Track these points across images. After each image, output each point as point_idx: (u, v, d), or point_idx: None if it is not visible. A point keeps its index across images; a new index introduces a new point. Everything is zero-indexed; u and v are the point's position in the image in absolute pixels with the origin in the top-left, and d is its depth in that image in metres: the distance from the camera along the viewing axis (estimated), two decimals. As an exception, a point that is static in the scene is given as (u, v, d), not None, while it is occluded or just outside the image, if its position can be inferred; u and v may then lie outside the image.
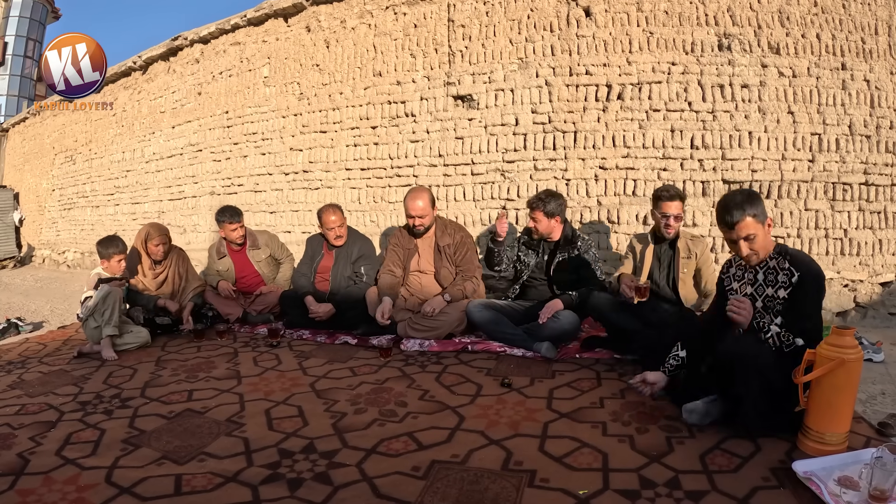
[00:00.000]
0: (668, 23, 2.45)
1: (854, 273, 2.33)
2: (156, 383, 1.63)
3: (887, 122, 2.40)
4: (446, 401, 1.43)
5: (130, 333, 1.99)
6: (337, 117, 3.00)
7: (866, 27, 2.45)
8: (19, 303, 3.39)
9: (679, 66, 2.42)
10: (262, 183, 3.30)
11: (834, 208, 2.35)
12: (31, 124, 6.10)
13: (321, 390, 1.54)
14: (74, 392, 1.57)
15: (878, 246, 2.35)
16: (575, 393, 1.48)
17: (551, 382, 1.56)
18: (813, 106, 2.39)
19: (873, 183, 2.36)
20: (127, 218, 4.41)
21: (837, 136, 2.37)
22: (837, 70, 2.41)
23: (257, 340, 2.10)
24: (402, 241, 2.17)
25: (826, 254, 2.35)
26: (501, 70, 2.59)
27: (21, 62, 13.07)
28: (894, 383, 1.61)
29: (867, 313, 2.33)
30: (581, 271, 1.92)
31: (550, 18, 2.56)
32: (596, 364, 1.73)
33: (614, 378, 1.59)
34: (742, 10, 2.44)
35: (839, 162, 2.37)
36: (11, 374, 1.76)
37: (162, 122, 4.04)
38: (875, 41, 2.44)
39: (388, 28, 2.88)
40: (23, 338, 2.31)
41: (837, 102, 2.39)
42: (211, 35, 3.63)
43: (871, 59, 2.43)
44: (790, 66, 2.40)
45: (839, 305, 2.30)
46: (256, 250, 2.46)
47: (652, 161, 2.39)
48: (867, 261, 2.35)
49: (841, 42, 2.43)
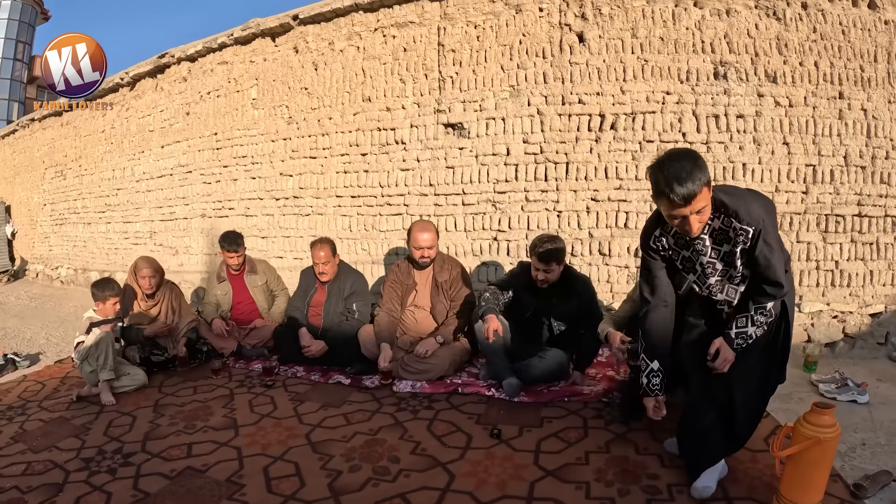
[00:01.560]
0: (664, 50, 2.41)
1: (844, 305, 2.35)
2: (155, 435, 1.68)
3: (883, 152, 2.39)
4: (437, 455, 1.48)
5: (127, 376, 2.04)
6: (326, 143, 2.97)
7: (865, 54, 2.42)
8: (14, 327, 3.45)
9: (674, 95, 2.39)
10: (253, 207, 3.29)
11: (826, 240, 2.35)
12: (20, 136, 6.05)
13: (316, 443, 1.57)
14: (77, 446, 1.60)
15: (869, 277, 2.37)
16: (562, 445, 1.52)
17: (539, 432, 1.60)
18: (808, 136, 2.37)
19: (866, 214, 2.36)
20: (119, 237, 4.41)
21: (832, 167, 2.36)
22: (835, 99, 2.39)
23: (252, 379, 2.14)
24: (401, 276, 2.19)
25: (816, 285, 2.36)
26: (493, 98, 2.56)
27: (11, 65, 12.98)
28: (876, 430, 1.64)
29: (855, 343, 2.35)
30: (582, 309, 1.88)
31: (543, 44, 2.52)
32: (584, 409, 1.76)
33: (601, 427, 1.62)
34: (739, 37, 2.40)
35: (833, 193, 2.36)
36: (13, 421, 1.80)
37: (151, 141, 4.01)
38: (874, 69, 2.41)
39: (377, 51, 2.83)
40: (20, 375, 2.35)
41: (833, 133, 2.38)
42: (198, 53, 3.57)
43: (870, 87, 2.40)
44: (787, 95, 2.38)
45: (828, 336, 2.32)
46: (254, 276, 2.52)
47: (644, 193, 2.37)
48: (857, 292, 2.36)
49: (839, 70, 2.40)
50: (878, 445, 1.54)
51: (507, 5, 2.62)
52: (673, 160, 1.05)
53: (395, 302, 2.16)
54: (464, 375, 2.05)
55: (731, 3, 2.44)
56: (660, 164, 1.07)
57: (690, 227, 1.09)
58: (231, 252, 2.39)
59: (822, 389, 1.89)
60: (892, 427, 1.64)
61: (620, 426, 1.62)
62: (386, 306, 2.16)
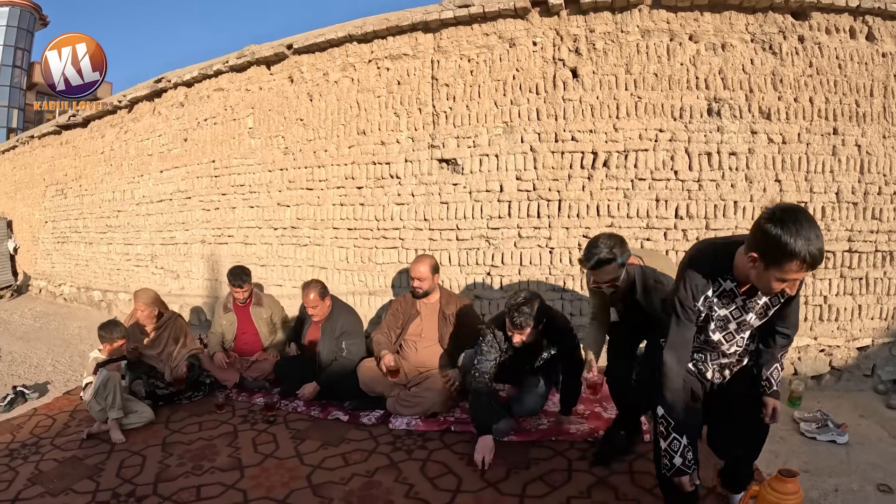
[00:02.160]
0: (658, 86, 2.43)
1: (831, 339, 2.40)
2: (165, 476, 1.79)
3: (875, 188, 2.42)
4: (429, 499, 1.58)
5: (135, 413, 2.15)
6: (323, 175, 3.02)
7: (861, 89, 2.43)
8: (21, 352, 3.55)
9: (667, 132, 2.42)
10: (252, 236, 3.35)
11: (815, 276, 2.40)
12: (20, 153, 6.11)
13: (317, 485, 1.67)
14: (92, 489, 1.71)
15: (858, 311, 2.42)
16: (546, 489, 1.60)
17: (526, 475, 1.69)
18: (801, 174, 2.40)
19: (857, 250, 2.40)
20: (121, 258, 4.49)
21: (824, 204, 2.40)
22: (829, 135, 2.41)
23: (255, 414, 2.25)
24: (405, 306, 2.32)
25: (804, 320, 2.42)
26: (486, 134, 2.59)
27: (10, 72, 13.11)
28: (850, 474, 1.71)
29: (842, 376, 2.42)
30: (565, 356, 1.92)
31: (536, 80, 2.54)
32: (569, 449, 1.83)
33: (584, 470, 1.70)
34: (734, 73, 2.41)
35: (824, 230, 2.39)
36: (28, 461, 1.90)
37: (150, 166, 4.07)
38: (870, 104, 2.43)
39: (372, 84, 2.85)
40: (30, 408, 2.46)
41: (826, 169, 2.40)
42: (194, 79, 3.60)
43: (864, 122, 2.43)
44: (780, 132, 2.40)
45: (814, 370, 2.39)
46: (259, 308, 2.65)
47: (636, 231, 2.42)
48: (845, 326, 2.42)
49: (834, 105, 2.42)
50: (850, 492, 1.62)
51: (501, 39, 2.63)
52: (806, 219, 0.95)
53: (393, 329, 2.29)
54: (457, 411, 2.14)
55: (727, 37, 2.45)
56: (790, 221, 0.95)
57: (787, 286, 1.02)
58: (236, 287, 2.52)
59: (802, 428, 1.96)
60: (866, 471, 1.71)
61: (603, 469, 1.69)
62: (382, 330, 2.29)
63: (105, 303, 4.73)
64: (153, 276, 4.15)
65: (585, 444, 1.85)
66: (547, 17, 2.57)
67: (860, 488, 1.62)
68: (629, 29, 2.48)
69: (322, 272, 3.09)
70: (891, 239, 2.41)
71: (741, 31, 2.45)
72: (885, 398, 2.32)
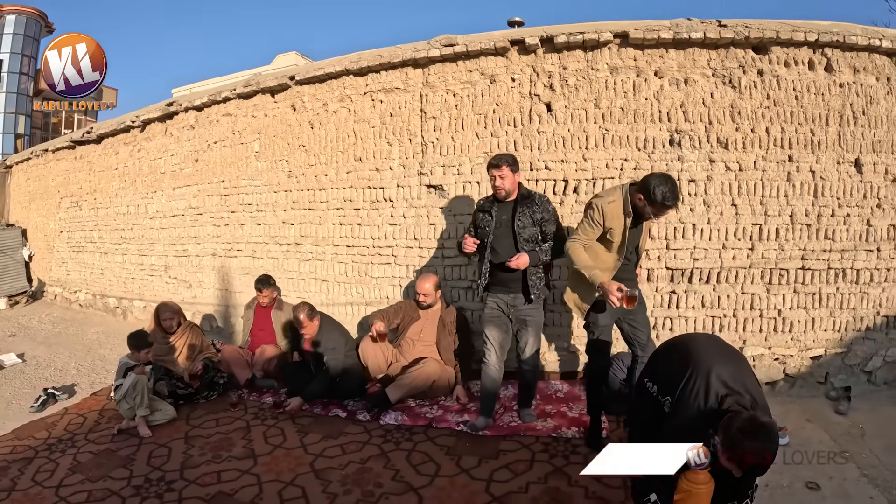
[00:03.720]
0: (624, 119, 2.94)
1: (785, 349, 2.88)
2: (189, 464, 2.29)
3: (829, 210, 2.87)
4: (412, 481, 2.09)
5: (160, 411, 2.71)
6: (323, 197, 3.63)
7: (817, 118, 2.88)
8: (44, 356, 4.18)
9: (631, 161, 2.93)
10: (259, 251, 4.00)
11: (770, 292, 2.88)
12: (34, 164, 6.95)
13: (319, 470, 2.20)
14: (126, 475, 2.20)
15: (811, 323, 2.88)
16: (510, 476, 2.10)
17: (494, 463, 2.20)
18: (756, 198, 2.87)
19: (810, 268, 2.86)
20: (135, 268, 5.22)
21: (778, 226, 2.87)
22: (784, 162, 2.88)
23: (265, 412, 2.82)
24: (409, 309, 3.03)
25: (760, 331, 2.90)
26: (469, 163, 3.15)
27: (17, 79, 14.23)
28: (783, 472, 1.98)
29: (795, 383, 2.89)
30: (544, 227, 2.35)
31: (514, 114, 3.08)
32: (535, 443, 2.35)
33: (545, 460, 2.21)
34: (695, 106, 2.90)
35: (778, 249, 2.87)
36: (66, 454, 2.41)
37: (163, 183, 4.76)
38: (825, 132, 2.88)
39: (367, 115, 3.44)
40: (62, 408, 3.00)
41: (781, 194, 2.87)
42: (204, 104, 4.26)
43: (819, 150, 2.88)
44: (737, 160, 2.88)
45: (768, 377, 2.87)
46: (279, 312, 3.32)
47: (603, 251, 2.94)
48: (799, 337, 2.89)
49: (790, 134, 2.88)
50: (779, 487, 1.92)
51: (483, 75, 3.18)
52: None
53: (391, 319, 2.99)
54: (437, 410, 2.69)
55: (690, 72, 2.93)
56: (747, 437, 1.33)
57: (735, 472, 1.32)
58: (259, 291, 3.30)
59: (744, 430, 2.45)
60: (798, 470, 2.02)
61: (562, 460, 2.19)
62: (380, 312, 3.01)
63: (120, 309, 5.48)
64: (167, 286, 4.85)
65: (549, 439, 2.36)
66: (525, 55, 3.10)
67: (790, 485, 1.96)
68: (599, 66, 2.99)
69: (324, 284, 3.71)
70: (843, 257, 2.87)
71: (703, 67, 2.93)
72: (835, 404, 2.78)
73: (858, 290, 2.85)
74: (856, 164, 2.85)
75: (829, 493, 1.94)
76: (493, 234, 2.38)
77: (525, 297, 2.38)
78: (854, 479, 2.03)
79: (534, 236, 2.37)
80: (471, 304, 3.19)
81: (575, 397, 2.80)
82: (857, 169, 2.85)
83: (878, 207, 2.85)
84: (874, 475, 2.05)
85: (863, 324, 2.86)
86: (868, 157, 2.85)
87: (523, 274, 2.36)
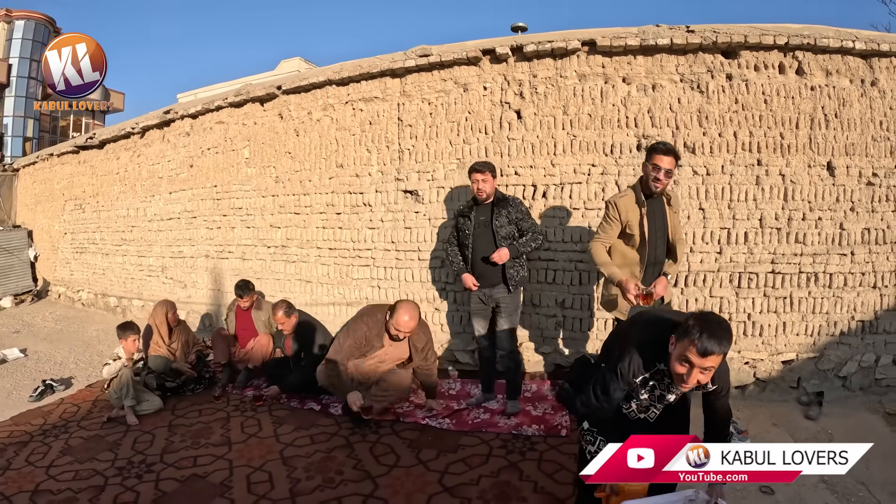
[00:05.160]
0: (591, 126, 3.31)
1: (755, 353, 3.16)
2: (170, 449, 2.68)
3: (800, 214, 3.13)
4: (371, 470, 2.41)
5: (147, 402, 3.15)
6: (308, 202, 4.14)
7: (787, 122, 3.15)
8: (45, 351, 4.74)
9: (599, 167, 3.29)
10: (248, 253, 4.56)
11: (739, 295, 3.16)
12: (40, 168, 7.84)
13: (287, 458, 2.56)
14: (111, 458, 2.60)
15: (782, 328, 3.15)
16: (464, 469, 2.39)
17: (452, 457, 2.51)
18: (724, 202, 3.17)
19: (780, 272, 3.13)
20: (134, 268, 5.92)
21: (746, 230, 3.15)
22: (752, 166, 3.16)
23: (245, 404, 3.26)
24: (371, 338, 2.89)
25: (729, 337, 3.20)
26: (443, 169, 3.59)
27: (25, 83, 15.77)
28: None
29: (766, 387, 3.15)
30: (520, 224, 2.84)
31: (485, 121, 3.50)
32: (494, 439, 2.65)
33: (501, 456, 2.50)
34: (661, 112, 3.23)
35: (747, 253, 3.15)
36: (59, 438, 2.86)
37: (160, 187, 5.42)
38: (795, 135, 3.14)
39: (348, 123, 3.94)
40: (58, 398, 3.48)
41: (749, 198, 3.15)
42: (198, 112, 4.86)
43: (789, 153, 3.14)
44: (705, 164, 3.19)
45: (738, 381, 3.13)
46: (259, 311, 3.78)
47: (570, 254, 3.31)
48: (770, 341, 3.16)
49: (758, 138, 3.15)
50: (732, 490, 2.02)
51: (457, 84, 3.61)
52: (719, 323, 1.45)
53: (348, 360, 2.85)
54: (408, 406, 3.08)
55: (657, 78, 3.27)
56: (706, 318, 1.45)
57: (690, 377, 1.45)
58: (238, 297, 3.71)
59: (704, 431, 2.77)
60: None
61: (518, 456, 2.44)
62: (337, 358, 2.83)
63: (120, 308, 6.18)
64: (163, 286, 5.51)
65: (509, 436, 2.66)
66: (496, 63, 3.50)
67: (743, 488, 2.07)
68: (567, 74, 3.37)
69: (308, 285, 4.22)
70: (815, 261, 3.13)
71: (671, 73, 3.26)
72: (806, 409, 3.04)
73: (832, 294, 3.11)
74: (828, 167, 3.11)
75: (783, 499, 2.11)
76: (473, 235, 2.87)
77: (505, 286, 2.86)
78: (812, 484, 2.20)
79: (510, 234, 2.85)
80: (443, 305, 3.60)
81: (541, 397, 3.19)
82: (829, 172, 3.11)
83: (852, 211, 3.10)
84: (834, 482, 2.21)
85: (836, 328, 3.11)
86: (841, 160, 3.11)
87: (502, 267, 2.82)
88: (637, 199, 2.41)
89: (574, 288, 3.33)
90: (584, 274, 3.32)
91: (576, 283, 3.33)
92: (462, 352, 3.58)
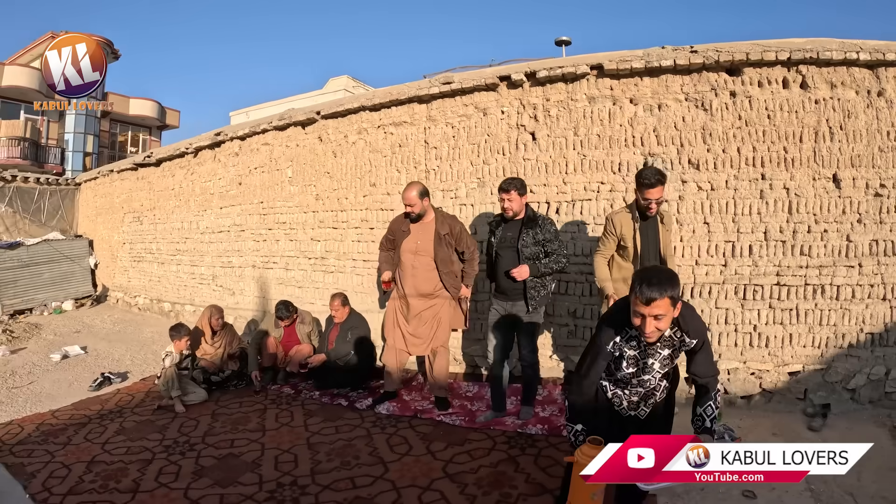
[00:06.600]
0: (600, 145, 3.94)
1: (761, 363, 3.62)
2: (211, 433, 3.31)
3: (804, 226, 3.57)
4: (385, 457, 2.90)
5: (194, 393, 3.93)
6: (344, 218, 5.04)
7: (790, 136, 3.60)
8: (104, 350, 5.61)
9: (607, 184, 3.91)
10: (291, 264, 5.54)
11: (744, 307, 3.64)
12: (101, 182, 9.44)
13: (313, 443, 3.12)
14: (159, 438, 3.23)
15: (789, 339, 3.58)
16: (466, 459, 2.85)
17: (459, 449, 2.98)
18: (728, 216, 3.67)
19: (786, 284, 3.58)
20: (187, 276, 7.14)
21: (751, 243, 3.63)
22: (756, 181, 3.64)
23: (281, 399, 4.02)
24: (396, 224, 3.62)
25: (735, 346, 3.66)
26: (464, 188, 4.34)
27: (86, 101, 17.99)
28: None
29: (772, 397, 3.59)
30: (546, 246, 3.13)
31: (503, 143, 4.22)
32: (500, 436, 3.11)
33: (503, 450, 2.93)
34: (666, 130, 3.81)
35: (751, 266, 3.63)
36: (114, 422, 3.55)
37: (212, 203, 6.58)
38: (798, 149, 3.59)
39: (380, 146, 4.80)
40: (115, 389, 4.29)
41: (754, 211, 3.63)
42: (246, 134, 5.94)
43: (793, 167, 3.58)
44: (709, 180, 3.72)
45: (744, 391, 3.60)
46: (302, 325, 4.57)
47: (581, 267, 3.95)
48: (776, 352, 3.61)
49: (762, 153, 3.63)
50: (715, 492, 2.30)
51: (477, 109, 4.37)
52: (655, 271, 1.73)
53: (390, 243, 3.64)
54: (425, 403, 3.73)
55: (663, 98, 3.84)
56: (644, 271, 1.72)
57: (644, 326, 1.64)
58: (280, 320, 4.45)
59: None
60: None
61: (518, 451, 2.86)
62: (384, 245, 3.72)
63: (174, 313, 7.42)
64: (213, 293, 6.65)
65: (514, 434, 3.11)
66: (513, 89, 4.22)
67: (726, 491, 2.30)
68: (578, 97, 4.02)
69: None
70: (822, 273, 3.55)
71: (676, 92, 3.81)
72: (810, 420, 3.24)
73: (839, 306, 3.52)
74: (833, 179, 3.52)
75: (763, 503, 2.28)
76: (498, 250, 3.27)
77: (525, 304, 3.19)
78: (797, 492, 2.35)
79: (535, 254, 3.15)
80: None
81: (551, 400, 3.81)
82: (835, 184, 3.53)
83: (859, 223, 3.49)
84: (821, 490, 2.37)
85: (845, 340, 3.51)
86: (846, 172, 3.51)
87: (523, 284, 3.16)
88: (633, 217, 2.99)
89: (585, 299, 3.96)
90: (593, 286, 3.90)
91: (586, 294, 3.95)
92: (482, 357, 4.31)
